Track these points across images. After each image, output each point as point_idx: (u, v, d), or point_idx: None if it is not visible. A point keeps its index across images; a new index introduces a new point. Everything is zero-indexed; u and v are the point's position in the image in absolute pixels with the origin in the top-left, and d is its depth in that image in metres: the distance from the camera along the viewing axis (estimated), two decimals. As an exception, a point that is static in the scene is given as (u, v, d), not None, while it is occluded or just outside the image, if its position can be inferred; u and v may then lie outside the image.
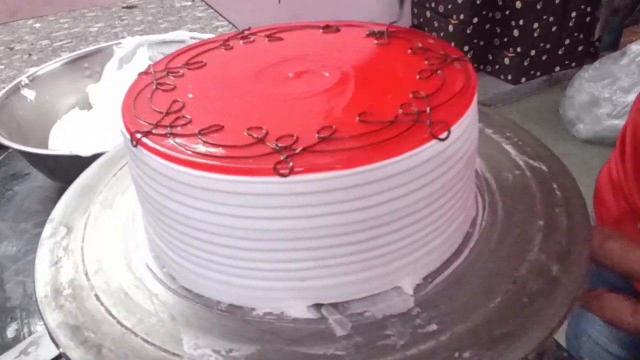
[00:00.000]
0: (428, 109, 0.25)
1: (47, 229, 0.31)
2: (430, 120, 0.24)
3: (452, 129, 0.24)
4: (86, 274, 0.28)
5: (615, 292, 0.28)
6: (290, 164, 0.22)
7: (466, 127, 0.25)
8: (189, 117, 0.26)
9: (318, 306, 0.25)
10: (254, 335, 0.24)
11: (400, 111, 0.25)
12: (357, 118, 0.25)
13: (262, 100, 0.28)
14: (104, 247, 0.30)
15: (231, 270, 0.25)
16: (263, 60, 0.31)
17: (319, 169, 0.22)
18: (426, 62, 0.29)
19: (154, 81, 0.30)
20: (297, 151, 0.23)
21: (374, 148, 0.23)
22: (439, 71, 0.28)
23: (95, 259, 0.29)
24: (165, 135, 0.25)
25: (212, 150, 0.24)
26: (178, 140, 0.24)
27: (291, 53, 0.32)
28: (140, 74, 0.31)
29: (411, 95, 0.26)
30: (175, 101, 0.27)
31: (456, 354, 0.22)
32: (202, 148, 0.24)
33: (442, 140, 0.23)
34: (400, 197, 0.24)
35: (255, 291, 0.25)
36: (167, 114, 0.26)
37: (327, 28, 0.34)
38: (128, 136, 0.25)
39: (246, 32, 0.34)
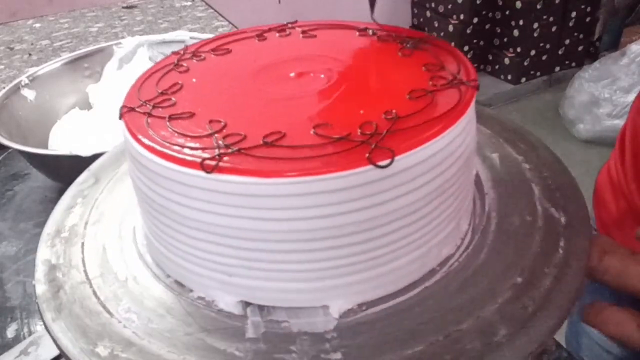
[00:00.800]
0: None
1: (44, 238, 0.31)
2: (376, 144, 0.23)
3: (396, 158, 0.23)
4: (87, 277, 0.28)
5: (617, 305, 0.27)
6: (216, 163, 0.22)
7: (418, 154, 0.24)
8: (174, 99, 0.28)
9: (247, 304, 0.26)
10: (178, 313, 0.25)
11: (359, 131, 0.24)
12: (312, 131, 0.24)
13: (293, 102, 0.28)
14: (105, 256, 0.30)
15: (174, 250, 0.27)
16: (268, 60, 0.32)
17: (241, 173, 0.22)
18: (430, 82, 0.27)
19: (176, 62, 0.32)
20: (232, 151, 0.23)
21: (306, 161, 0.22)
22: (430, 93, 0.27)
23: (96, 264, 0.29)
24: (143, 114, 0.26)
25: (167, 134, 0.25)
26: (149, 120, 0.26)
27: (269, 59, 0.32)
28: (170, 55, 0.33)
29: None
30: (175, 84, 0.29)
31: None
32: (164, 133, 0.25)
33: (382, 167, 0.22)
34: (329, 216, 0.23)
35: (192, 275, 0.26)
36: (161, 94, 0.28)
37: (364, 31, 0.34)
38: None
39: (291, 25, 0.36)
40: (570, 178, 0.31)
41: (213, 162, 0.22)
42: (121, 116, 0.27)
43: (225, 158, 0.23)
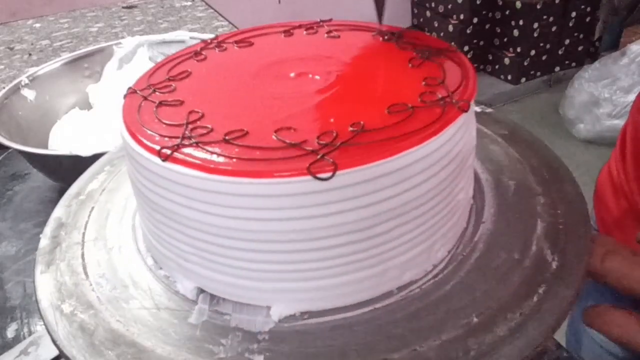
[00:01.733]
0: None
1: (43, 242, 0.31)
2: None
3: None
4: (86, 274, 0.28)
5: (618, 306, 0.27)
6: (171, 152, 0.23)
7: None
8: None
9: (202, 291, 0.26)
10: (141, 287, 0.27)
11: (316, 140, 0.23)
12: (273, 135, 0.24)
13: (278, 101, 0.27)
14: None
15: (146, 229, 0.28)
16: (263, 61, 0.31)
17: (188, 165, 0.23)
18: (419, 98, 0.27)
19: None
20: (191, 142, 0.24)
21: (250, 163, 0.23)
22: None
23: (94, 229, 0.30)
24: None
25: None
26: (143, 103, 0.26)
27: (284, 55, 0.32)
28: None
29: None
30: (184, 71, 0.29)
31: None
32: (146, 117, 0.26)
33: (321, 179, 0.22)
34: (266, 220, 0.23)
35: (159, 254, 0.28)
36: (167, 80, 0.28)
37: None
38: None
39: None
40: (587, 225, 0.28)
41: (168, 152, 0.23)
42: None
43: (185, 150, 0.23)
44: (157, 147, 0.24)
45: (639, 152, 0.48)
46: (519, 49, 2.20)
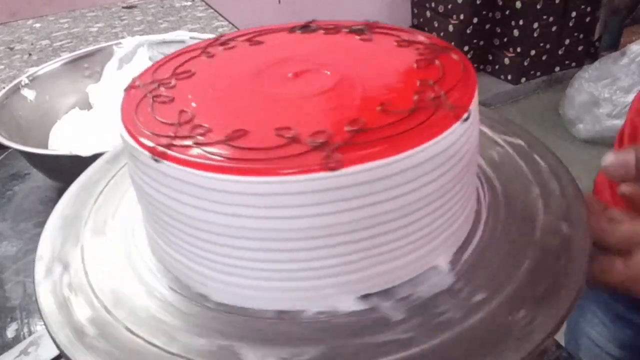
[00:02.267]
0: (442, 94, 0.25)
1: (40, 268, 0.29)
2: (450, 104, 0.25)
3: (470, 108, 0.25)
4: (105, 309, 0.26)
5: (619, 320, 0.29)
6: (339, 156, 0.22)
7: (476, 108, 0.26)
8: (206, 125, 0.25)
9: (365, 297, 0.25)
10: (314, 336, 0.24)
11: (416, 97, 0.25)
12: (379, 108, 0.25)
13: (275, 100, 0.27)
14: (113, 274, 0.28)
15: (276, 275, 0.25)
16: (262, 62, 0.31)
17: (364, 160, 0.22)
18: (417, 53, 0.29)
19: (154, 90, 0.29)
20: (336, 145, 0.23)
21: (403, 136, 0.23)
22: (437, 61, 0.28)
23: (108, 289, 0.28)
24: (190, 146, 0.24)
25: (241, 154, 0.23)
26: (207, 148, 0.23)
27: (282, 55, 0.32)
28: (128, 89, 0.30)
29: (418, 83, 0.26)
30: (182, 111, 0.27)
31: (509, 318, 0.23)
32: (231, 153, 0.23)
33: (465, 120, 0.24)
34: (432, 182, 0.24)
35: (304, 292, 0.25)
36: (180, 124, 0.25)
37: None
38: (145, 152, 0.24)
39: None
40: (587, 225, 0.28)
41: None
42: (160, 158, 0.25)
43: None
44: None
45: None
46: (519, 49, 2.20)
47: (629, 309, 0.53)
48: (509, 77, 2.27)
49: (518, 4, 2.13)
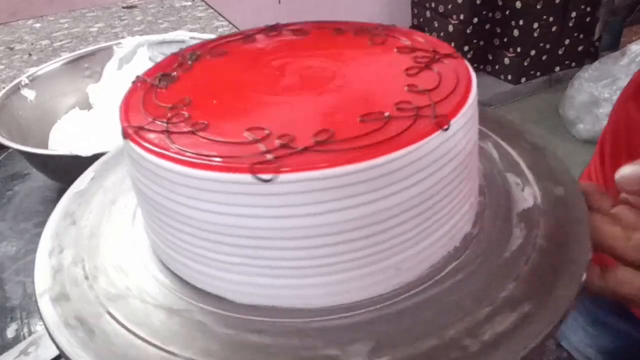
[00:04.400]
0: (432, 103, 0.25)
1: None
2: (434, 113, 0.24)
3: (452, 121, 0.24)
4: (105, 308, 0.27)
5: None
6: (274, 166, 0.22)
7: (467, 119, 0.25)
8: (186, 114, 0.26)
9: None
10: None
11: (396, 108, 0.25)
12: (359, 119, 0.24)
13: (255, 100, 0.28)
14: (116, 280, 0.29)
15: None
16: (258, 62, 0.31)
17: (299, 169, 0.22)
18: (414, 59, 0.29)
19: (158, 78, 0.30)
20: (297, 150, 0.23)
21: (374, 146, 0.23)
22: (435, 69, 0.28)
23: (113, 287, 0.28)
24: (160, 132, 0.25)
25: (205, 147, 0.24)
26: (173, 136, 0.25)
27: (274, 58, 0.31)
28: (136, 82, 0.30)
29: (406, 89, 0.26)
30: (182, 98, 0.28)
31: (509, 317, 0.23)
32: (195, 144, 0.24)
33: (445, 130, 0.23)
34: (399, 192, 0.23)
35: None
36: (168, 109, 0.27)
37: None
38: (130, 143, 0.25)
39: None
40: (586, 225, 0.28)
41: (267, 166, 0.22)
42: (126, 136, 0.25)
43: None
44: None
45: (618, 150, 0.48)
46: (519, 49, 2.20)
47: (610, 314, 0.53)
48: (509, 77, 2.27)
49: (518, 4, 2.13)
